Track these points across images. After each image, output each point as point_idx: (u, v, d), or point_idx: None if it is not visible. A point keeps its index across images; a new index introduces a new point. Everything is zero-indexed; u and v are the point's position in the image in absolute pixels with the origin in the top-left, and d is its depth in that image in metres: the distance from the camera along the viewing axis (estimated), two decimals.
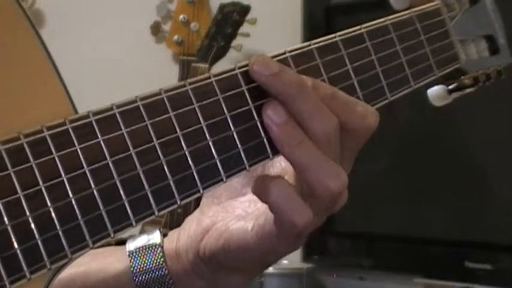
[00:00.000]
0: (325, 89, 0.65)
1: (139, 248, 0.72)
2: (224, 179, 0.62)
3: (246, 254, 0.67)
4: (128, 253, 0.72)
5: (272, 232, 0.65)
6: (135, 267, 0.71)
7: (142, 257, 0.72)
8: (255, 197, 0.68)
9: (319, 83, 0.66)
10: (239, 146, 0.63)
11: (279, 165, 0.70)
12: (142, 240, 0.73)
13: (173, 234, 0.74)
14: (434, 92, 0.83)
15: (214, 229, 0.70)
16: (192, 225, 0.72)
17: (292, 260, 2.22)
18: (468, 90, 0.82)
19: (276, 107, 0.63)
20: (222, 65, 1.96)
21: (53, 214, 0.54)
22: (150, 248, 0.72)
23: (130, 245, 0.73)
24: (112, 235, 0.56)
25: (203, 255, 0.70)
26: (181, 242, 0.72)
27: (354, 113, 0.66)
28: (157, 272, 0.71)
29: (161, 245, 0.72)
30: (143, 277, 0.71)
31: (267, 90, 0.64)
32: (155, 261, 0.71)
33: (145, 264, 0.71)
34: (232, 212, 0.70)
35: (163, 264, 0.71)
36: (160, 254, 0.72)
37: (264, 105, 0.64)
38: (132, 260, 0.72)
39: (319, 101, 0.64)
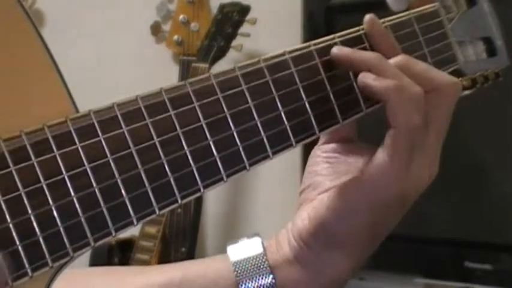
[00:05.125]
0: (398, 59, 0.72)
1: (243, 259, 0.73)
2: (224, 178, 0.62)
3: (351, 211, 0.71)
4: (232, 263, 0.73)
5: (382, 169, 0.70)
6: (240, 276, 0.72)
7: (247, 267, 0.73)
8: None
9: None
10: (239, 144, 0.63)
11: (322, 186, 0.74)
12: (244, 249, 0.74)
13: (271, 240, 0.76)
14: None
15: (314, 209, 0.72)
16: (289, 224, 0.75)
17: None
18: (466, 92, 0.82)
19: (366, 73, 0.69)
20: (222, 65, 1.96)
21: (54, 212, 0.54)
22: (254, 259, 0.73)
23: (233, 254, 0.74)
24: (113, 233, 0.57)
25: (307, 235, 0.72)
26: (280, 236, 0.74)
27: (433, 73, 0.72)
28: (264, 280, 0.72)
29: (264, 253, 0.73)
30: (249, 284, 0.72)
31: (349, 67, 0.70)
32: (261, 269, 0.72)
33: (250, 274, 0.72)
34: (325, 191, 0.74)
35: (269, 270, 0.72)
36: (265, 262, 0.73)
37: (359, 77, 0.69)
38: (237, 270, 0.73)
39: (398, 70, 0.70)
